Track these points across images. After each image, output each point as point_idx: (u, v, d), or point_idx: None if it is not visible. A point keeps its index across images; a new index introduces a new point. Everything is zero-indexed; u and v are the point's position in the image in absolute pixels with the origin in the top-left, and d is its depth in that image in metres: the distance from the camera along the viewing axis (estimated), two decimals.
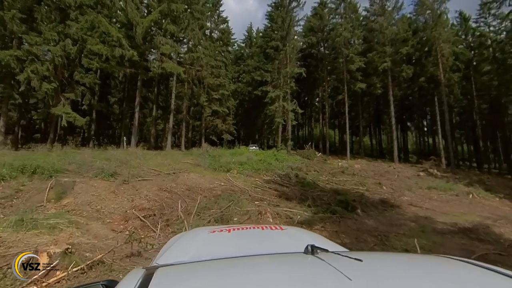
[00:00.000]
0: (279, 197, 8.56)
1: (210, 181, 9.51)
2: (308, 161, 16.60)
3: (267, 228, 1.82)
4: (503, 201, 13.21)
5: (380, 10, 27.68)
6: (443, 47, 24.91)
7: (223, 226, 1.93)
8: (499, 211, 10.91)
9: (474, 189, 13.99)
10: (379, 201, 9.45)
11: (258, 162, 13.14)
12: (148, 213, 6.39)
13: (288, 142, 24.59)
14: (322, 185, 11.15)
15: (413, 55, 29.36)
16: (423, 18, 27.75)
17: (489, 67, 27.64)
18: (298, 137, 46.15)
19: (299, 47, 32.82)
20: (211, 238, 1.65)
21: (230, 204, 7.14)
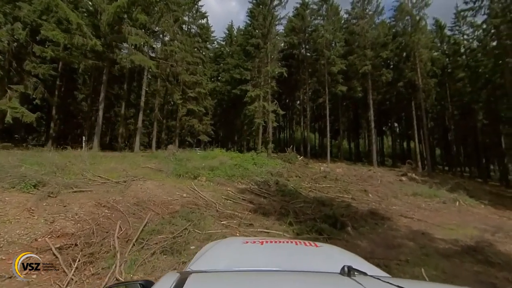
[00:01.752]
0: (254, 212, 6.91)
1: (169, 191, 7.66)
2: (290, 165, 15.16)
3: (301, 243, 1.71)
4: (489, 209, 12.54)
5: (361, 13, 27.16)
6: (422, 52, 24.73)
7: (256, 238, 1.92)
8: (490, 221, 10.06)
9: (459, 195, 13.22)
10: (369, 212, 8.11)
11: (233, 167, 11.43)
12: (68, 242, 4.50)
13: (269, 144, 23.12)
14: (305, 193, 9.68)
15: (392, 60, 29.15)
16: (402, 23, 27.55)
17: (462, 74, 27.95)
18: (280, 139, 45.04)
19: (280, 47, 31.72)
20: (244, 249, 1.62)
21: (188, 225, 5.39)
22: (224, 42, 38.05)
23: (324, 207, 7.72)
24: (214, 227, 5.64)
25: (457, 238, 7.07)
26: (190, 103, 26.96)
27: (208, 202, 7.23)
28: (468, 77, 27.74)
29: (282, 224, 6.22)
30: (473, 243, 6.87)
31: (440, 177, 22.52)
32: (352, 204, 8.93)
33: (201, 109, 27.57)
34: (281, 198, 8.44)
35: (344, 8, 29.28)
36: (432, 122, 35.48)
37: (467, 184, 19.36)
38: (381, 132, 37.87)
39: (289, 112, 38.16)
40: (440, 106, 32.00)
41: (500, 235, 7.99)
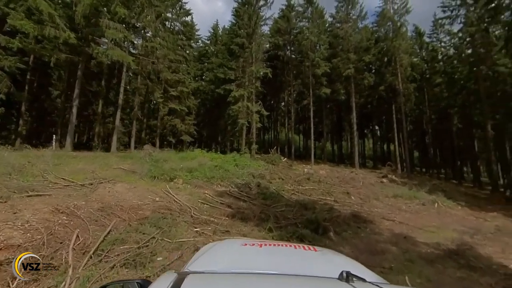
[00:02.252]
0: (232, 217, 6.45)
1: (141, 195, 7.05)
2: (273, 167, 14.82)
3: (300, 247, 1.70)
4: (466, 210, 12.79)
5: (345, 17, 27.44)
6: (402, 58, 25.31)
7: (255, 240, 1.85)
8: (468, 222, 10.19)
9: (437, 197, 13.41)
10: (351, 215, 7.88)
11: (212, 168, 10.90)
12: (11, 256, 3.85)
13: (253, 145, 22.69)
14: (287, 196, 9.34)
15: (374, 64, 29.67)
16: (384, 29, 28.11)
17: (440, 80, 28.90)
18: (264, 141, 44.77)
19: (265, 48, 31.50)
20: (243, 251, 1.61)
21: (156, 233, 4.86)
22: (209, 41, 37.34)
23: (307, 210, 7.40)
24: (186, 235, 5.13)
25: (438, 242, 6.97)
26: (172, 102, 26.08)
27: (182, 207, 6.70)
28: (445, 82, 28.69)
29: (261, 230, 5.81)
30: (454, 246, 6.80)
31: (418, 178, 23.02)
32: (335, 207, 8.69)
33: (183, 108, 26.72)
34: (262, 202, 8.03)
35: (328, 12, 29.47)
36: (411, 126, 36.50)
37: (444, 186, 19.90)
38: (363, 134, 38.55)
39: (274, 113, 38.00)
40: (418, 110, 32.95)
41: (478, 237, 8.03)
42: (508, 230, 9.27)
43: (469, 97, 26.40)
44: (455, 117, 30.52)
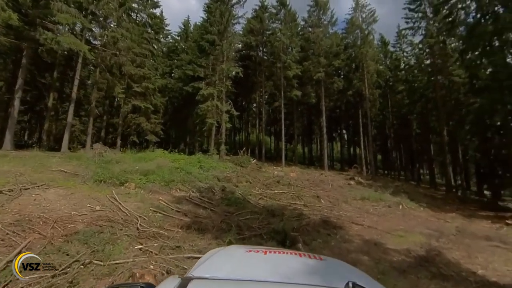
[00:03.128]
0: (187, 228, 5.51)
1: (78, 203, 5.81)
2: (241, 169, 14.02)
3: (305, 256, 1.70)
4: (427, 211, 13.10)
5: (317, 22, 27.70)
6: (369, 64, 26.11)
7: (260, 247, 1.84)
8: (431, 224, 10.28)
9: (401, 199, 13.63)
10: (321, 222, 7.34)
11: (173, 171, 9.78)
12: None
13: (222, 146, 21.69)
14: (254, 201, 8.58)
15: (343, 69, 30.35)
16: (353, 36, 28.88)
17: (402, 87, 30.42)
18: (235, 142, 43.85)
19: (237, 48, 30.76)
20: (247, 258, 1.61)
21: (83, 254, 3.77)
22: (179, 38, 35.59)
23: (274, 218, 6.70)
24: (125, 254, 4.10)
25: (408, 248, 6.69)
26: (136, 99, 24.16)
27: (129, 217, 5.60)
28: (406, 90, 30.24)
29: (220, 244, 4.95)
30: (423, 252, 6.56)
31: (382, 180, 23.74)
32: (305, 212, 8.13)
33: (148, 106, 24.87)
34: (225, 209, 7.17)
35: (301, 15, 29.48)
36: (375, 130, 38.10)
37: (405, 187, 20.63)
38: (332, 138, 39.42)
39: (245, 114, 37.34)
40: (382, 115, 34.43)
41: (443, 240, 7.97)
42: (467, 231, 9.46)
43: (427, 104, 28.04)
44: (414, 123, 32.33)
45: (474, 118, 22.17)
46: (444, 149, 23.75)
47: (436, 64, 23.45)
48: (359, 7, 27.39)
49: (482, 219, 12.64)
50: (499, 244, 8.10)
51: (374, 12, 26.55)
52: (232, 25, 25.21)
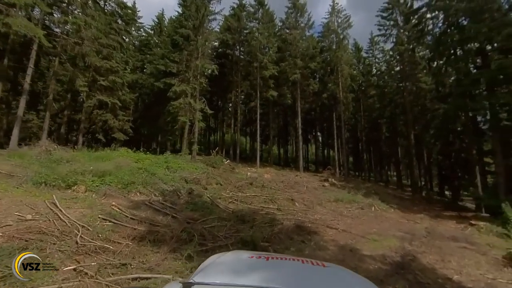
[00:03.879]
0: (140, 240, 4.63)
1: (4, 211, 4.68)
2: (213, 170, 13.17)
3: (307, 262, 1.66)
4: (398, 212, 13.21)
5: (294, 24, 27.56)
6: (344, 68, 26.47)
7: (262, 253, 1.85)
8: (403, 226, 10.24)
9: (373, 200, 13.64)
10: (295, 227, 6.79)
11: (135, 172, 8.71)
12: None
13: (194, 146, 20.58)
14: (224, 205, 7.83)
15: (319, 72, 30.56)
16: (329, 40, 29.19)
17: (373, 92, 31.37)
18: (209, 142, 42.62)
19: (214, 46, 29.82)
20: (249, 264, 1.59)
21: None
22: (153, 32, 33.73)
23: (244, 224, 6.02)
24: (51, 278, 3.16)
25: (383, 253, 6.36)
26: (102, 94, 22.24)
27: (68, 228, 4.58)
28: (377, 95, 31.22)
29: (177, 259, 4.15)
30: (399, 257, 6.27)
31: (354, 182, 24.08)
32: (278, 216, 7.54)
33: (115, 101, 23.01)
34: (189, 215, 6.35)
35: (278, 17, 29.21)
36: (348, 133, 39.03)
37: (375, 188, 21.05)
38: (307, 140, 39.70)
39: (221, 114, 36.35)
40: (354, 119, 35.27)
41: (416, 243, 7.82)
42: (436, 233, 9.51)
43: (396, 109, 29.11)
44: (384, 126, 33.51)
45: (439, 123, 23.32)
46: (411, 152, 24.69)
47: (405, 71, 24.33)
48: (335, 12, 27.74)
49: (447, 219, 13.01)
50: (466, 245, 8.15)
51: (349, 18, 27.04)
52: (208, 21, 24.23)
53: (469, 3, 13.64)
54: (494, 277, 5.48)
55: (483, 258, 6.63)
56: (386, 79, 30.01)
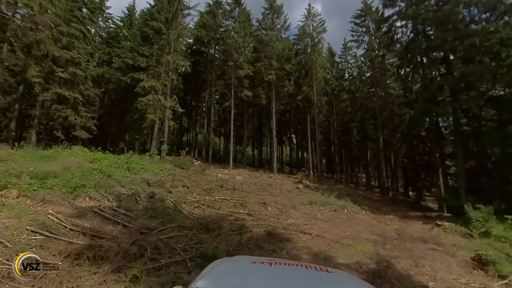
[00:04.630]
0: (77, 257, 3.71)
1: None
2: (181, 172, 12.19)
3: (311, 267, 1.62)
4: (369, 214, 13.23)
5: (270, 24, 27.32)
6: (318, 71, 26.70)
7: (265, 258, 1.83)
8: (374, 228, 10.12)
9: (346, 202, 13.55)
10: (266, 234, 6.19)
11: (87, 173, 7.53)
12: None
13: (163, 145, 19.29)
14: (188, 211, 7.00)
15: (294, 74, 30.59)
16: (304, 43, 29.34)
17: (346, 96, 32.13)
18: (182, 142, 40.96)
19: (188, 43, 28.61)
20: (252, 269, 1.58)
21: None
22: (122, 24, 31.55)
23: (208, 233, 5.29)
24: None
25: (358, 260, 5.99)
26: (61, 87, 20.12)
27: None
28: (349, 99, 32.01)
29: (119, 281, 3.31)
30: (374, 264, 5.94)
31: (327, 183, 24.25)
32: (248, 223, 6.89)
33: (76, 95, 20.93)
34: (145, 223, 5.47)
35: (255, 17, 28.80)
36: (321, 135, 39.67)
37: (347, 190, 21.31)
38: (282, 141, 39.68)
39: (194, 113, 35.03)
40: (327, 122, 35.91)
41: (389, 246, 7.63)
42: (406, 234, 9.46)
43: (366, 113, 30.02)
44: (354, 130, 34.48)
45: (405, 127, 24.36)
46: (380, 155, 25.46)
47: (375, 77, 25.07)
48: (310, 15, 27.96)
49: (414, 220, 13.29)
50: (435, 246, 8.14)
51: (324, 22, 27.40)
52: (182, 16, 23.08)
53: (436, 13, 14.18)
54: (467, 282, 5.33)
55: (453, 261, 6.54)
56: (358, 84, 30.85)
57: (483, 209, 10.62)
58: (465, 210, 10.99)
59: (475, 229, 9.90)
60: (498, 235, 9.39)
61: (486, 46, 11.94)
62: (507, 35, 11.85)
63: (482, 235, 9.63)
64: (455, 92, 14.08)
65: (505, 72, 11.79)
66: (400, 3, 17.76)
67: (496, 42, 11.85)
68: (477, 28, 12.75)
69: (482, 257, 6.05)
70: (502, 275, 5.43)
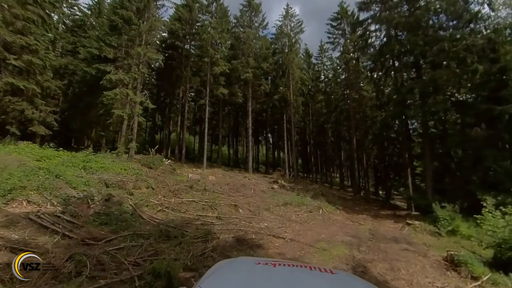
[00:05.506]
0: None
1: None
2: (149, 171, 11.20)
3: (316, 269, 1.60)
4: (343, 214, 13.15)
5: (248, 22, 26.79)
6: (295, 71, 26.62)
7: (269, 259, 1.80)
8: (349, 229, 9.94)
9: (321, 202, 13.38)
10: (234, 241, 5.59)
11: (30, 173, 6.39)
12: None
13: (132, 143, 17.89)
14: (149, 215, 6.19)
15: (271, 74, 30.30)
16: (281, 43, 29.15)
17: (321, 97, 32.50)
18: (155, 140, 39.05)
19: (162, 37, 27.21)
20: (256, 270, 1.55)
21: None
22: (90, 12, 29.17)
23: (169, 242, 4.57)
24: None
25: (334, 266, 5.60)
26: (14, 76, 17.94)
27: None
28: (324, 101, 32.42)
29: None
30: (350, 270, 5.62)
31: (302, 183, 24.22)
32: (216, 227, 6.24)
33: (32, 87, 18.78)
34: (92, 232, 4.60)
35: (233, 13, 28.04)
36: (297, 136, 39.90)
37: (321, 190, 21.38)
38: (258, 141, 39.30)
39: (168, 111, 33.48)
40: (303, 122, 36.15)
41: (363, 248, 7.40)
42: (379, 234, 9.41)
43: (340, 115, 30.56)
44: (329, 131, 35.04)
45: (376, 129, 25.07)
46: (353, 156, 25.99)
47: (350, 79, 25.53)
48: (288, 15, 27.84)
49: (386, 219, 13.45)
50: (407, 246, 8.09)
51: (302, 23, 27.40)
52: (155, 7, 21.79)
53: (408, 18, 14.52)
54: (443, 285, 5.16)
55: (426, 262, 6.42)
56: (333, 86, 31.34)
57: (448, 208, 10.93)
58: (433, 209, 11.24)
59: (443, 228, 10.11)
60: (464, 233, 9.66)
61: (454, 51, 12.37)
62: (472, 42, 12.37)
63: (449, 233, 9.85)
64: (424, 96, 14.52)
65: (469, 77, 12.28)
66: (375, 8, 18.10)
67: (462, 48, 12.33)
68: (446, 34, 13.20)
69: (454, 257, 5.96)
70: (475, 276, 5.34)
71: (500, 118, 11.59)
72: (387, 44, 17.26)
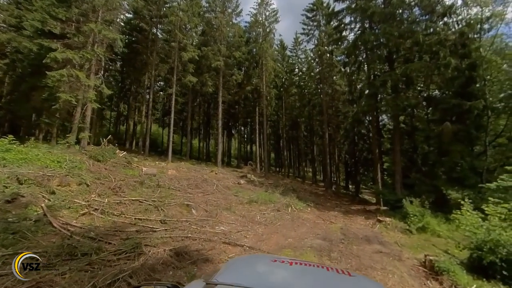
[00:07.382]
0: None
1: None
2: (93, 164, 9.38)
3: (333, 270, 1.55)
4: (314, 211, 12.36)
5: (221, 7, 25.01)
6: (268, 62, 25.46)
7: (285, 258, 1.75)
8: (319, 229, 9.09)
9: (290, 199, 12.45)
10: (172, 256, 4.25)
11: None
12: None
13: (84, 133, 15.58)
14: (63, 221, 4.61)
15: (244, 64, 28.87)
16: (255, 32, 27.77)
17: (295, 91, 31.81)
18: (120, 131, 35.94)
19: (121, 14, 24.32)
20: (272, 268, 1.53)
21: None
22: None
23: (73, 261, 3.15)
24: None
25: None
26: None
27: None
28: (298, 94, 31.79)
29: None
30: None
31: (273, 178, 23.41)
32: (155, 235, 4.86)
33: None
34: None
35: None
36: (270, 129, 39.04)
37: (293, 184, 20.72)
38: (231, 134, 37.88)
39: (133, 100, 30.71)
40: (277, 116, 35.34)
41: (335, 254, 6.50)
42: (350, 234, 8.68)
43: (313, 109, 30.15)
44: (302, 125, 34.62)
45: (348, 124, 24.96)
46: (325, 151, 25.66)
47: (323, 73, 24.99)
48: (263, 3, 26.46)
49: (356, 214, 12.95)
50: (380, 248, 7.39)
51: (277, 13, 26.21)
52: None
53: (384, 9, 13.95)
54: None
55: (404, 269, 5.63)
56: (307, 79, 30.76)
57: (415, 203, 10.62)
58: (403, 205, 10.87)
59: (413, 224, 9.70)
60: (434, 229, 9.31)
61: (427, 44, 11.99)
62: (445, 36, 12.08)
63: (419, 230, 9.45)
64: (397, 89, 14.17)
65: (442, 71, 12.00)
66: None
67: (436, 42, 11.99)
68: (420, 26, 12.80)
69: (434, 264, 5.23)
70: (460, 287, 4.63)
71: (468, 114, 11.45)
72: (361, 35, 16.69)
